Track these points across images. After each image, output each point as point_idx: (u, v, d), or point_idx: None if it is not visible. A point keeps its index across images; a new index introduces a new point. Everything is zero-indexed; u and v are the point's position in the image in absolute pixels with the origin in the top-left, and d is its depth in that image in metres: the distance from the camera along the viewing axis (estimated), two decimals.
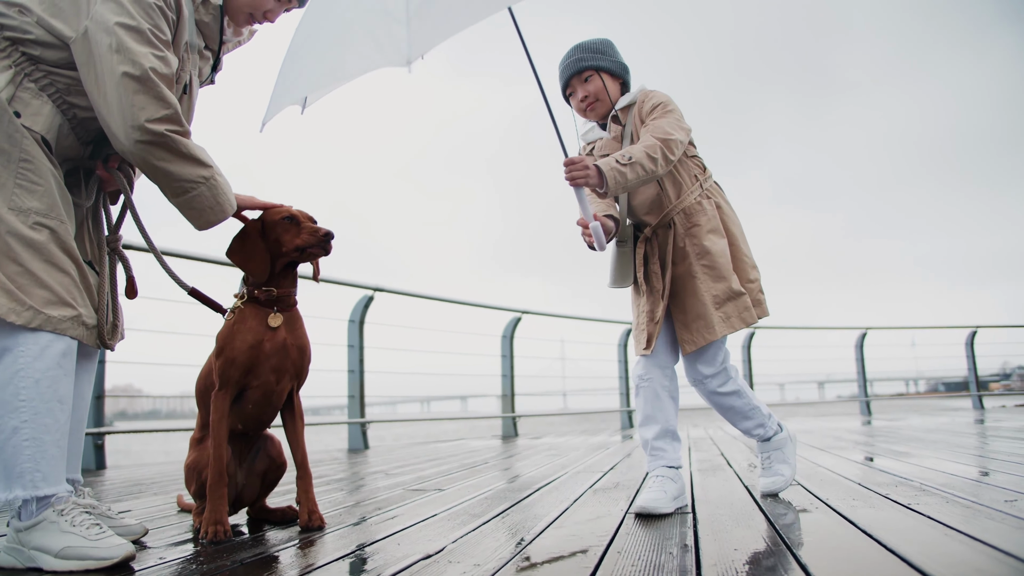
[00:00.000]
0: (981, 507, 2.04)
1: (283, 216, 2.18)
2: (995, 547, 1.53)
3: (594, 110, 2.47)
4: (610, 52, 2.45)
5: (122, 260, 2.14)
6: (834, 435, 5.55)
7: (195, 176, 1.89)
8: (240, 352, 2.08)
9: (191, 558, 1.78)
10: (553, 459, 4.44)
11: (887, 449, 4.11)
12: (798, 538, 1.75)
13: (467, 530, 2.04)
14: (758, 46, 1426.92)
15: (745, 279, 2.35)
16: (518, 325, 8.49)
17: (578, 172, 2.12)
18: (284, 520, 2.31)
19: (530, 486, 3.03)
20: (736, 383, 2.41)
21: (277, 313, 2.16)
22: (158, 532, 2.19)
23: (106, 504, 2.14)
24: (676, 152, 2.22)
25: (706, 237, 2.33)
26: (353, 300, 6.75)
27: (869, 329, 10.74)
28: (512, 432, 8.18)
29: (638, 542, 1.78)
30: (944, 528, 1.76)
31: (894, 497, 2.29)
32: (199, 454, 2.15)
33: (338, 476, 3.88)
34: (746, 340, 10.19)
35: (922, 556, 1.47)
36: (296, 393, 2.27)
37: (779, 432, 2.52)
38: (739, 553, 1.61)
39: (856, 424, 7.32)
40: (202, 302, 2.22)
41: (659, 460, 2.33)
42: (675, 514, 2.18)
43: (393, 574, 1.53)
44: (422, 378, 8.95)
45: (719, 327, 2.28)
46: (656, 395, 2.37)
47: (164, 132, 1.81)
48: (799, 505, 2.24)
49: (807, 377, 36.18)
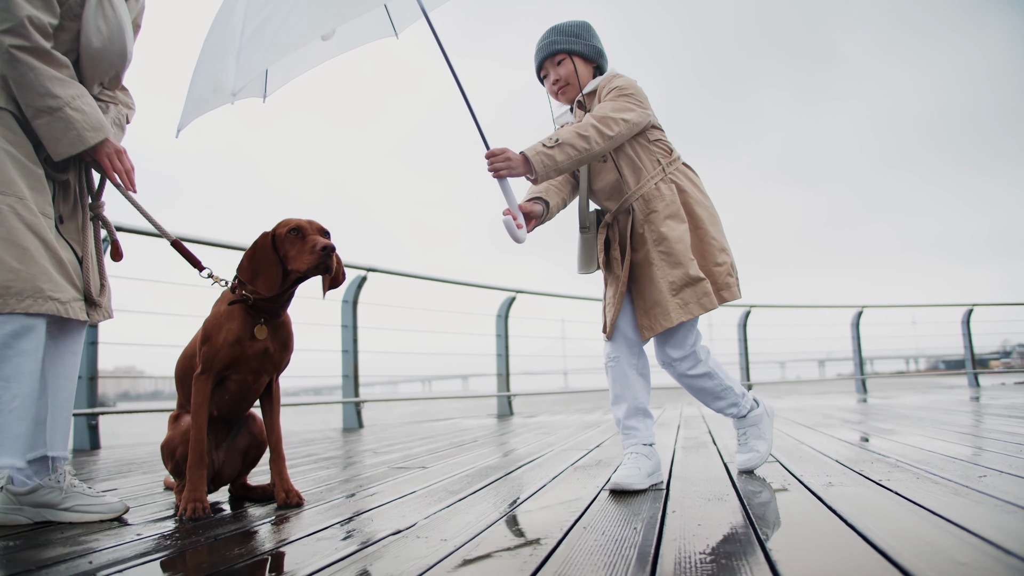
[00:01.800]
0: (949, 483, 2.06)
1: (289, 228, 2.12)
2: (957, 523, 1.55)
3: (565, 93, 2.46)
4: (585, 36, 2.43)
5: (105, 225, 2.16)
6: (824, 413, 5.58)
7: (42, 105, 1.90)
8: (222, 348, 2.10)
9: (168, 534, 1.81)
10: (542, 437, 4.48)
11: (873, 427, 4.14)
12: (763, 514, 1.77)
13: (442, 507, 2.06)
14: (750, 28, 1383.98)
15: (712, 262, 2.33)
16: (512, 304, 8.51)
17: (500, 164, 2.16)
18: (264, 498, 2.34)
19: (513, 464, 3.06)
20: (706, 365, 2.41)
21: (263, 325, 2.16)
22: (140, 510, 2.22)
23: (89, 484, 2.18)
24: (614, 128, 2.21)
25: (663, 223, 2.31)
26: (347, 281, 6.77)
27: (865, 308, 10.74)
28: (508, 411, 8.23)
29: (607, 518, 1.80)
30: (909, 504, 1.78)
31: (867, 473, 2.31)
32: (173, 432, 2.18)
33: (328, 455, 3.92)
34: (742, 319, 10.20)
35: (883, 532, 1.49)
36: (275, 381, 2.29)
37: (755, 408, 2.53)
38: (702, 528, 1.63)
39: (850, 402, 7.35)
40: (183, 255, 2.26)
41: (632, 438, 2.35)
42: (649, 490, 2.20)
43: (359, 548, 1.55)
44: (421, 358, 9.00)
45: (675, 314, 2.27)
46: (624, 374, 2.38)
47: (8, 47, 1.81)
48: (773, 482, 2.26)
49: (807, 356, 36.29)
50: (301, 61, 2.79)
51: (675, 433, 4.23)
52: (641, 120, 2.29)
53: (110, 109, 2.20)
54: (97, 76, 2.10)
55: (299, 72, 2.83)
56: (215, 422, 2.25)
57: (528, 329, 9.04)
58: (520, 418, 7.17)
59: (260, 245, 2.12)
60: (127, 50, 2.13)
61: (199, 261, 2.25)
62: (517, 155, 2.16)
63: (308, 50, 2.68)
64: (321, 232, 2.15)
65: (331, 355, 6.73)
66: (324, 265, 2.08)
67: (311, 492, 2.44)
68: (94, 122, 1.99)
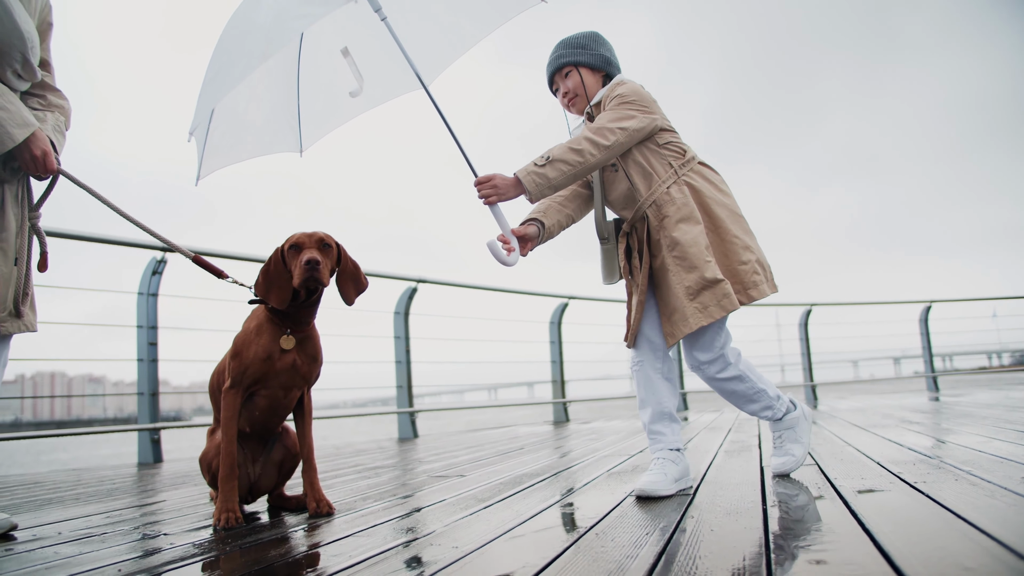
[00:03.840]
0: (988, 484, 1.98)
1: (291, 244, 2.21)
2: (979, 527, 1.49)
3: (575, 105, 2.48)
4: (592, 46, 2.44)
5: (38, 236, 2.21)
6: (884, 413, 5.39)
7: None
8: (252, 363, 2.19)
9: (199, 543, 1.89)
10: (588, 443, 4.46)
11: (930, 426, 3.98)
12: (781, 524, 1.74)
13: (466, 514, 2.09)
14: (811, 8, 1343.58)
15: (737, 261, 2.28)
16: (565, 310, 8.50)
17: (488, 190, 2.22)
18: (300, 507, 2.42)
19: (548, 471, 3.07)
20: (736, 368, 2.36)
21: (290, 336, 2.24)
22: (180, 520, 2.32)
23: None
24: (610, 138, 2.21)
25: (675, 228, 2.28)
26: (398, 292, 6.89)
27: (933, 302, 10.32)
28: (563, 418, 8.22)
29: (626, 523, 1.80)
30: (936, 508, 1.72)
31: (905, 476, 2.23)
32: (209, 446, 2.27)
33: (374, 465, 4.00)
34: (803, 318, 9.93)
35: (897, 539, 1.45)
36: (307, 394, 2.36)
37: (791, 411, 2.48)
38: (714, 535, 1.61)
39: (918, 401, 7.07)
40: (205, 268, 2.36)
41: (658, 443, 2.34)
42: (676, 496, 2.19)
43: (377, 554, 1.59)
44: (479, 367, 9.06)
45: (693, 319, 2.24)
46: (648, 378, 2.36)
47: None
48: (804, 487, 2.21)
49: (881, 353, 34.88)
50: (333, 116, 2.97)
51: (723, 436, 4.16)
52: (644, 126, 2.28)
53: (48, 117, 2.22)
54: (3, 64, 2.09)
55: (333, 126, 3.01)
56: (250, 437, 2.34)
57: (588, 335, 9.01)
58: (575, 424, 7.16)
59: (271, 261, 2.22)
60: (21, 29, 2.08)
61: (221, 271, 2.36)
62: (509, 178, 2.21)
63: (339, 106, 2.87)
64: (319, 245, 2.21)
65: (384, 366, 6.85)
66: (313, 279, 2.13)
67: (345, 502, 2.50)
68: (18, 119, 2.04)
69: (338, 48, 2.49)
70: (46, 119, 2.20)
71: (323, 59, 2.77)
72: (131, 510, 2.64)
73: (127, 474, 4.27)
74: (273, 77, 2.78)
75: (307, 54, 2.79)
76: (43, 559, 1.80)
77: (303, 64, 2.80)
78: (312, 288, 2.19)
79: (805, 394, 9.81)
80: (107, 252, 47.73)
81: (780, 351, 22.90)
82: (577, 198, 2.51)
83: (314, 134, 2.97)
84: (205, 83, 2.50)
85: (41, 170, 2.12)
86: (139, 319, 5.01)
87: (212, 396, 2.35)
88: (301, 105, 2.86)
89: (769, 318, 26.92)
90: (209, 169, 2.74)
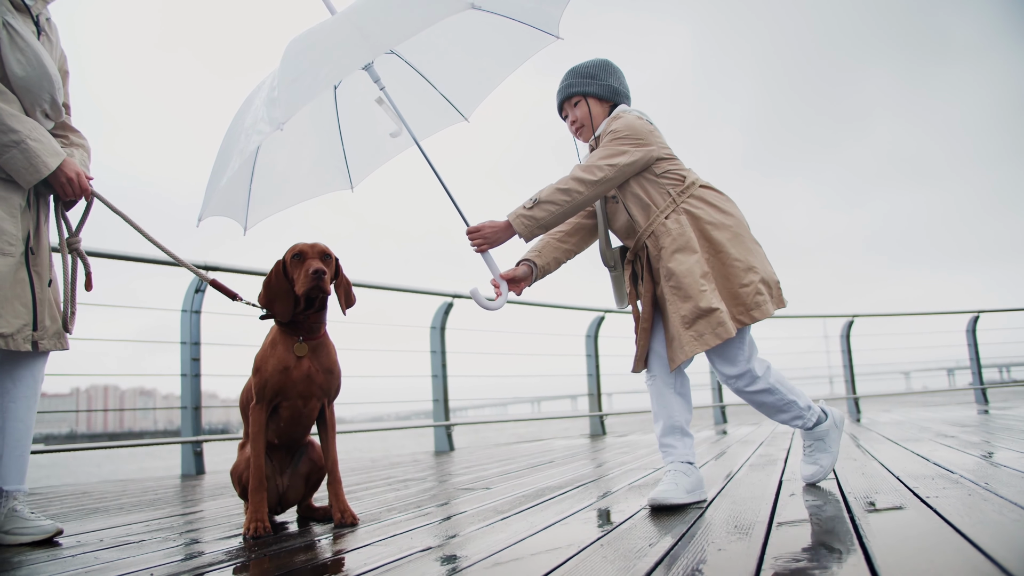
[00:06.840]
0: (1001, 500, 1.98)
1: (293, 254, 2.33)
2: (976, 545, 1.51)
3: (582, 134, 2.56)
4: (601, 76, 2.51)
5: (82, 259, 2.40)
6: (922, 426, 5.30)
7: (6, 140, 2.12)
8: (270, 376, 2.31)
9: (228, 550, 2.01)
10: (618, 456, 4.50)
11: (963, 440, 3.92)
12: (780, 541, 1.77)
13: (481, 526, 2.17)
14: (852, 11, 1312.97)
15: (738, 284, 2.30)
16: (602, 324, 8.53)
17: (480, 239, 2.37)
18: (327, 517, 2.52)
19: (572, 483, 3.13)
20: (766, 381, 2.39)
21: (303, 343, 2.35)
22: (213, 529, 2.45)
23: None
24: (598, 174, 2.29)
25: (671, 259, 2.32)
26: (434, 307, 7.02)
27: (982, 312, 10.06)
28: (600, 431, 8.24)
29: (632, 535, 1.85)
30: (940, 523, 1.74)
31: (919, 490, 2.23)
32: (239, 459, 2.39)
33: (405, 477, 4.10)
34: (844, 329, 9.79)
35: (892, 556, 1.48)
36: (329, 407, 2.47)
37: (822, 421, 2.50)
38: (714, 550, 1.66)
39: (964, 414, 6.92)
40: (220, 291, 2.50)
41: (670, 456, 2.38)
42: (690, 507, 2.23)
43: (391, 561, 1.68)
44: (513, 380, 9.13)
45: (689, 347, 2.28)
46: (660, 393, 2.42)
47: None
48: (815, 501, 2.23)
49: (934, 364, 33.95)
50: (378, 154, 3.15)
51: (753, 450, 4.16)
52: (636, 159, 2.33)
53: (75, 153, 2.43)
54: (35, 104, 2.28)
55: (380, 163, 3.19)
56: (277, 449, 2.46)
57: (628, 347, 8.98)
58: (611, 437, 7.18)
59: (272, 273, 2.35)
60: (50, 73, 2.28)
61: (235, 293, 2.49)
62: (500, 223, 2.35)
63: (382, 146, 3.07)
64: (322, 255, 2.34)
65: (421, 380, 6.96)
66: (318, 287, 2.25)
67: (371, 513, 2.60)
68: (51, 149, 2.24)
69: (372, 99, 2.63)
70: (73, 155, 2.41)
71: (360, 109, 2.95)
72: (170, 519, 2.78)
73: (170, 485, 4.45)
74: (314, 131, 2.98)
75: (343, 108, 2.98)
76: (84, 564, 1.94)
77: (342, 116, 2.99)
78: (314, 296, 2.31)
79: (848, 406, 9.65)
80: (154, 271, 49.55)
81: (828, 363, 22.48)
82: (580, 231, 2.59)
83: (363, 171, 3.15)
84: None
85: (77, 192, 2.33)
86: (183, 335, 5.22)
87: (242, 412, 2.47)
88: (346, 149, 3.05)
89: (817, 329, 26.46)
90: (259, 217, 2.90)
